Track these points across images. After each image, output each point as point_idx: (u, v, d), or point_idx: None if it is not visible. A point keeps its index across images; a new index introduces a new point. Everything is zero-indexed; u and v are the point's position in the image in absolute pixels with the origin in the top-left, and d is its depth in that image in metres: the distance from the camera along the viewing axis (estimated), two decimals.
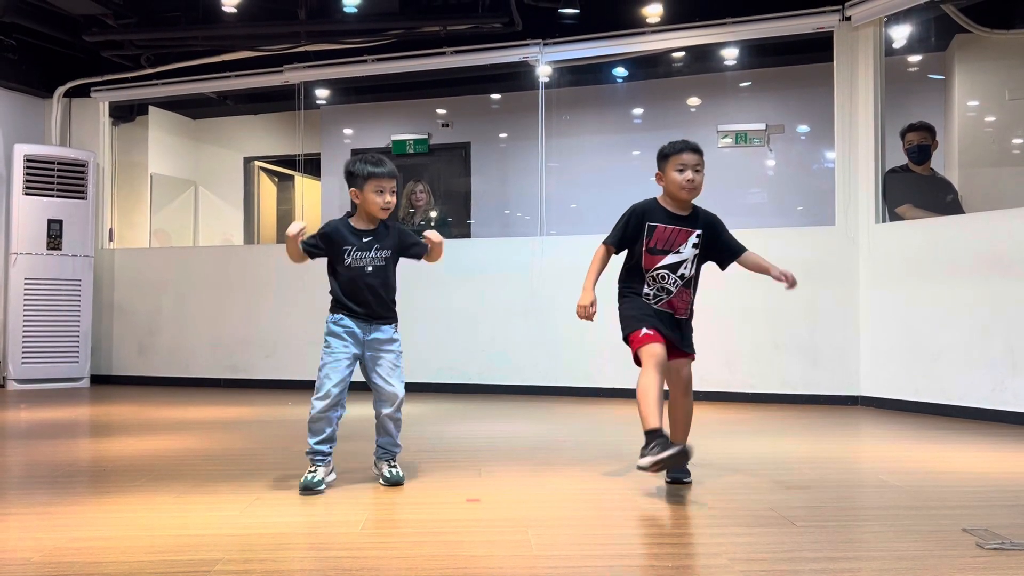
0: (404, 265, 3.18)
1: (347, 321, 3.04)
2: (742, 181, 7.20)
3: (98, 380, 7.21)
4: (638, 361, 3.00)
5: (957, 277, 4.91)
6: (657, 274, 3.08)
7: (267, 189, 9.43)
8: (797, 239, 5.69)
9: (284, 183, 9.53)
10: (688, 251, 3.10)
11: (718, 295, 5.68)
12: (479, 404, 5.57)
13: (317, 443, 3.02)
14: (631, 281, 3.15)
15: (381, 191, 3.04)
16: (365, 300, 3.05)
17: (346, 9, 6.39)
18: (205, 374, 7.00)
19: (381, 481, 3.06)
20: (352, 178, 3.08)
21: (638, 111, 7.85)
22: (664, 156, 3.12)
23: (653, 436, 2.76)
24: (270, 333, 6.85)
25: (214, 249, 7.80)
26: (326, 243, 3.08)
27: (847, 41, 5.61)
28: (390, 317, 3.12)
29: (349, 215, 3.16)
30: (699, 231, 3.12)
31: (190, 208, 8.65)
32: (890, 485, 3.08)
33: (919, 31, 5.99)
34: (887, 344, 5.30)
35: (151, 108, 8.06)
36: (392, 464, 3.10)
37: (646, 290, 3.09)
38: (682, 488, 3.01)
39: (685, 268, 3.10)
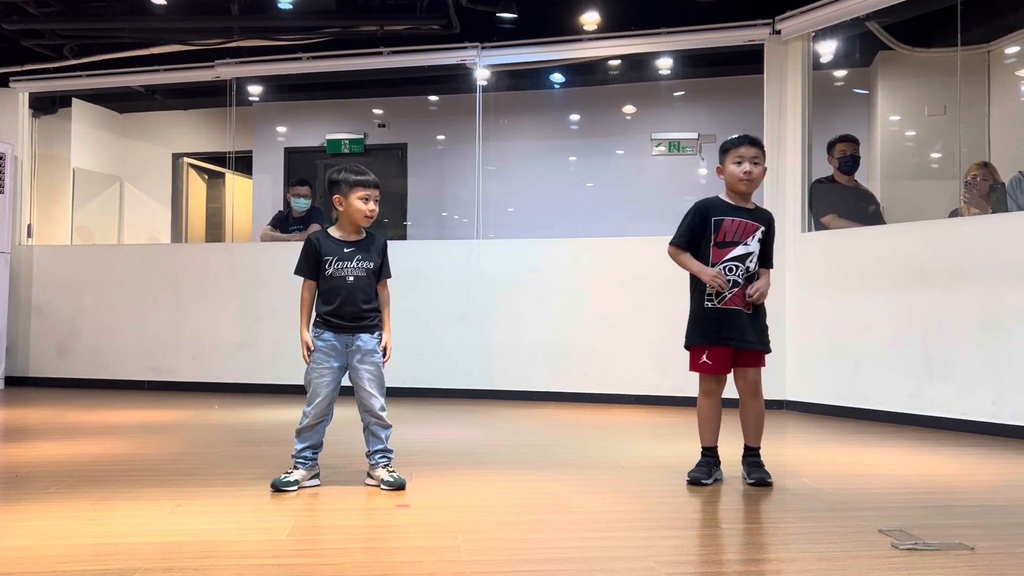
0: None
1: (327, 335, 3.08)
2: (675, 188, 7.32)
3: (13, 382, 6.91)
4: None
5: (878, 285, 5.08)
6: (725, 266, 3.13)
7: (196, 186, 9.20)
8: None
9: (214, 180, 9.31)
10: (754, 244, 3.18)
11: (648, 299, 5.79)
12: (413, 407, 5.53)
13: (302, 448, 3.08)
14: (696, 281, 3.19)
15: (366, 199, 3.11)
16: (345, 310, 3.08)
17: (281, 5, 6.29)
18: (128, 376, 6.78)
19: (383, 487, 3.06)
20: (336, 186, 3.12)
21: (575, 117, 7.92)
22: (724, 150, 3.25)
23: (706, 454, 3.27)
24: (196, 335, 6.67)
25: (139, 247, 7.56)
26: (312, 257, 3.10)
27: (777, 54, 5.77)
28: (372, 326, 3.13)
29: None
30: (763, 228, 3.18)
31: (115, 205, 8.38)
32: (812, 488, 3.17)
33: (845, 47, 6.19)
34: (812, 350, 5.45)
35: (75, 100, 7.79)
36: (391, 469, 3.12)
37: (709, 289, 3.13)
38: (610, 491, 3.05)
39: (751, 261, 3.16)
